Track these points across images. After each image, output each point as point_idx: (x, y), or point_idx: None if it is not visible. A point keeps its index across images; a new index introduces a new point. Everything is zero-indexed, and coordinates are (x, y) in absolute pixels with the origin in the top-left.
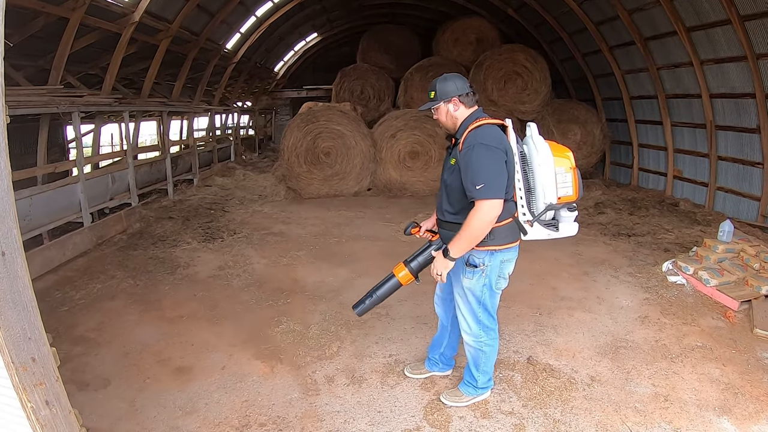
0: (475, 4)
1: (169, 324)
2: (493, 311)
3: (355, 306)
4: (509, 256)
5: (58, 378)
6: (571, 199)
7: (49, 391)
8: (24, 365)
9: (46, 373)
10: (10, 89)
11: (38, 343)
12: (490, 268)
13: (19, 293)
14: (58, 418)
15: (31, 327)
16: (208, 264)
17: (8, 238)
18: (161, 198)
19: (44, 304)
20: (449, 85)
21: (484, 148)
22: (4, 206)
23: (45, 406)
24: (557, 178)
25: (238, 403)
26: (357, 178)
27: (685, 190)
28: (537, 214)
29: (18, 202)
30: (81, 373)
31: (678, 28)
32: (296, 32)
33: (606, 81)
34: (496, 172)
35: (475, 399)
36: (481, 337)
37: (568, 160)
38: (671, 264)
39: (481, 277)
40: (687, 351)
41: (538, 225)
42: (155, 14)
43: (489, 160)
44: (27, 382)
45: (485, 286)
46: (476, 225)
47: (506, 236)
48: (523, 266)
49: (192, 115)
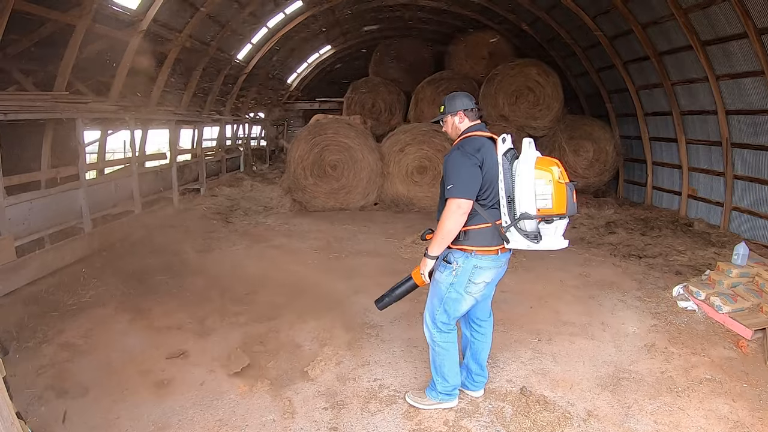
0: (488, 18)
1: (156, 334)
2: (453, 315)
3: (377, 301)
4: (485, 264)
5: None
6: (551, 212)
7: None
8: None
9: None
10: (16, 94)
11: None
12: (461, 269)
13: None
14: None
15: None
16: (203, 275)
17: None
18: (166, 206)
19: (36, 307)
20: (456, 101)
21: (460, 153)
22: None
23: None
24: (536, 189)
25: (211, 422)
26: (363, 192)
27: (700, 209)
28: (515, 219)
29: (17, 206)
30: (61, 380)
31: (693, 42)
32: (309, 44)
33: (620, 97)
34: (467, 174)
35: (437, 405)
36: (434, 335)
37: (551, 174)
38: (682, 288)
39: (450, 274)
40: (694, 384)
41: (517, 234)
42: (164, 23)
43: (461, 164)
44: None
45: (452, 285)
46: (446, 221)
47: (481, 240)
48: (525, 287)
49: (201, 124)
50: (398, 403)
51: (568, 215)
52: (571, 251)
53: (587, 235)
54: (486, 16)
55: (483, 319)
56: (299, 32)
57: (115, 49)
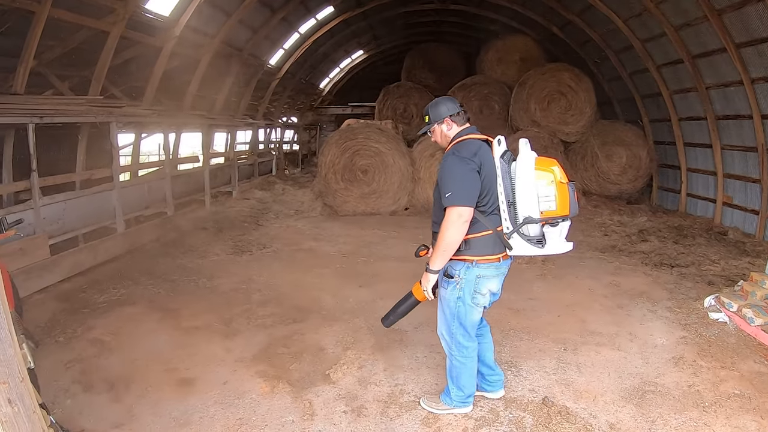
0: (520, 23)
1: (183, 334)
2: (470, 328)
3: (383, 319)
4: (487, 272)
5: (24, 378)
6: (555, 214)
7: (12, 390)
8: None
9: (11, 373)
10: (53, 98)
11: (4, 344)
12: (465, 281)
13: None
14: (20, 416)
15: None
16: (232, 277)
17: None
18: (198, 208)
19: (67, 304)
20: (441, 108)
21: (456, 159)
22: None
23: (7, 404)
24: (538, 191)
25: (231, 421)
26: (394, 197)
27: (735, 218)
28: (517, 225)
29: (52, 205)
30: (89, 375)
31: (727, 44)
32: (341, 49)
33: (654, 101)
34: (466, 181)
35: (450, 410)
36: (452, 350)
37: (552, 174)
38: (714, 299)
39: (455, 288)
40: (722, 399)
41: (520, 240)
42: (196, 29)
43: (458, 169)
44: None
45: (459, 299)
46: (446, 232)
47: (483, 248)
48: (553, 296)
49: (234, 128)
50: (418, 409)
51: (571, 216)
52: (602, 259)
53: (619, 242)
54: (517, 20)
55: (481, 325)
56: (331, 37)
57: (148, 55)
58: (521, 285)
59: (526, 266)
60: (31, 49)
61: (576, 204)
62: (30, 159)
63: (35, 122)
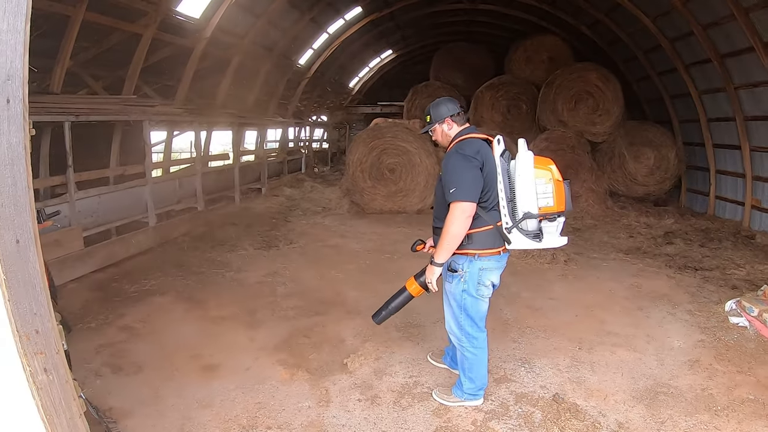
0: (548, 22)
1: (209, 323)
2: (478, 319)
3: (374, 315)
4: (489, 265)
5: (60, 351)
6: (552, 210)
7: (48, 360)
8: (27, 335)
9: (48, 344)
10: (88, 97)
11: (43, 318)
12: (468, 274)
13: (30, 275)
14: (54, 384)
15: (37, 304)
16: (258, 270)
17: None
18: (228, 204)
19: (100, 293)
20: (441, 109)
21: (460, 156)
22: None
23: (43, 372)
24: (537, 189)
25: (251, 404)
26: (421, 196)
27: (763, 221)
28: (517, 220)
29: (86, 199)
30: (118, 358)
31: (755, 43)
32: (370, 49)
33: (683, 102)
34: (469, 177)
35: (462, 403)
36: (463, 342)
37: (550, 172)
38: (735, 303)
39: (460, 282)
40: (735, 404)
41: (519, 234)
42: (227, 30)
43: (462, 166)
44: (29, 350)
45: (465, 292)
46: (451, 226)
47: (485, 242)
48: (573, 296)
49: (264, 126)
50: (430, 400)
51: (566, 213)
52: (625, 261)
53: (643, 244)
54: (546, 19)
55: None
56: (359, 37)
57: (180, 55)
58: (542, 285)
59: (548, 266)
60: (67, 51)
61: (570, 201)
62: (66, 155)
63: (71, 120)
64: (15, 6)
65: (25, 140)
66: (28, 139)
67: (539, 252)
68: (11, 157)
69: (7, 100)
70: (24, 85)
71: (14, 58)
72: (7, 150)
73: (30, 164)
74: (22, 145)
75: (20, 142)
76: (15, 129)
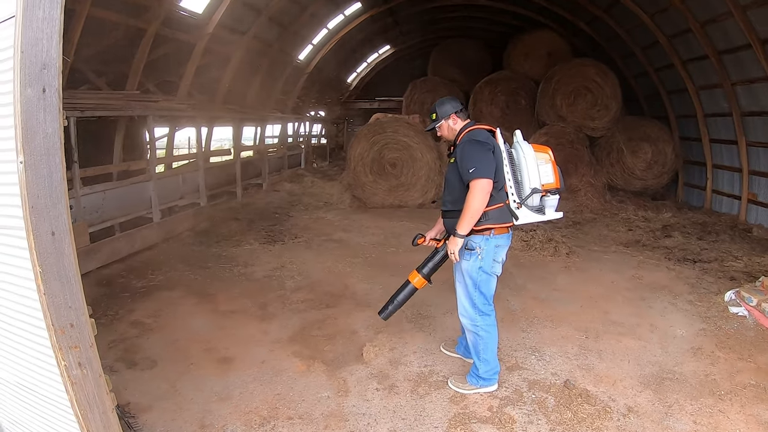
0: (546, 18)
1: (220, 317)
2: (489, 296)
3: (381, 312)
4: (502, 242)
5: (93, 345)
6: (553, 186)
7: (82, 354)
8: (62, 329)
9: (82, 338)
10: (92, 93)
11: (78, 312)
12: (485, 251)
13: (65, 268)
14: (88, 378)
15: (72, 297)
16: (265, 265)
17: (58, 221)
18: (230, 200)
19: (108, 288)
20: (446, 106)
21: (475, 142)
22: (57, 194)
23: (77, 366)
24: (539, 168)
25: (270, 396)
26: (422, 190)
27: (760, 215)
28: (524, 197)
29: (91, 195)
30: (132, 354)
31: (752, 40)
32: (369, 44)
33: (679, 97)
34: (485, 158)
35: (478, 390)
36: (477, 320)
37: (547, 154)
38: (734, 294)
39: (477, 259)
40: (738, 388)
41: (526, 209)
42: (229, 26)
43: (478, 150)
44: (63, 344)
45: (481, 269)
46: (473, 201)
47: (498, 218)
48: (577, 288)
49: (264, 122)
50: (446, 388)
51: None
52: (626, 254)
53: (643, 237)
54: (544, 15)
55: None
56: (359, 33)
57: (182, 51)
58: (546, 277)
59: (551, 259)
60: (71, 46)
61: (563, 180)
62: (71, 151)
63: (76, 116)
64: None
65: (60, 131)
66: (62, 130)
67: (542, 245)
68: (47, 147)
69: (43, 89)
70: (58, 75)
71: (50, 47)
72: (43, 140)
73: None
74: (57, 136)
75: (56, 132)
76: (51, 119)
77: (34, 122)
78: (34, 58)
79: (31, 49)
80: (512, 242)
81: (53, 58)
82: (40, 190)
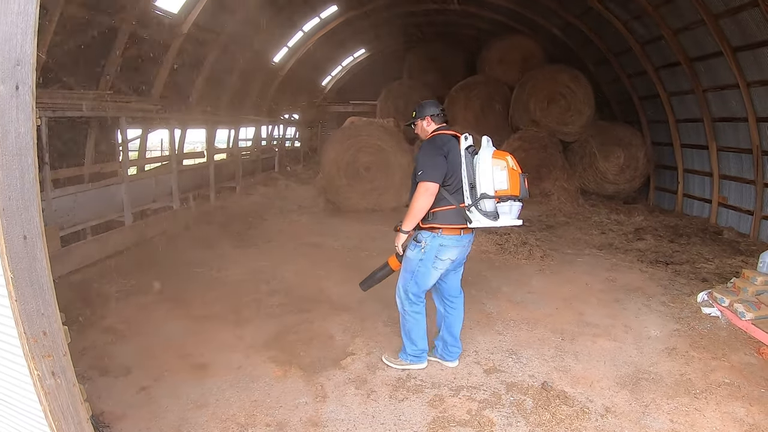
0: (521, 24)
1: (194, 322)
2: (423, 288)
3: (362, 284)
4: (448, 243)
5: (66, 353)
6: (507, 193)
7: (56, 363)
8: (35, 337)
9: (55, 347)
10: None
11: (50, 319)
12: (429, 247)
13: (37, 273)
14: (62, 388)
15: (45, 304)
16: (239, 269)
17: (30, 225)
18: (203, 203)
19: (80, 294)
20: (426, 109)
21: (430, 146)
22: (29, 197)
23: (51, 376)
24: (494, 174)
25: (247, 402)
26: (396, 194)
27: (730, 218)
28: (474, 201)
29: (63, 198)
30: (104, 360)
31: (724, 48)
32: (344, 48)
33: (652, 103)
34: (435, 163)
35: (408, 366)
36: (405, 306)
37: (505, 161)
38: (706, 295)
39: (420, 252)
40: (713, 387)
41: (478, 213)
42: (204, 26)
43: (431, 155)
44: (36, 353)
45: (420, 261)
46: (416, 201)
47: (445, 219)
48: (551, 289)
49: (238, 125)
50: (425, 392)
51: (521, 197)
52: (599, 256)
53: (615, 240)
54: (519, 21)
55: (455, 296)
56: (334, 36)
57: (157, 51)
58: (521, 279)
59: (525, 262)
60: (44, 44)
61: (526, 189)
62: (42, 151)
63: (48, 116)
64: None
65: (33, 130)
66: (35, 129)
67: (516, 248)
68: (19, 147)
69: (16, 87)
70: (33, 72)
71: (24, 42)
72: (15, 140)
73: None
74: (30, 135)
75: (28, 132)
76: (24, 118)
77: (7, 121)
78: (8, 53)
79: (5, 45)
80: (487, 246)
81: (27, 54)
82: (11, 191)
